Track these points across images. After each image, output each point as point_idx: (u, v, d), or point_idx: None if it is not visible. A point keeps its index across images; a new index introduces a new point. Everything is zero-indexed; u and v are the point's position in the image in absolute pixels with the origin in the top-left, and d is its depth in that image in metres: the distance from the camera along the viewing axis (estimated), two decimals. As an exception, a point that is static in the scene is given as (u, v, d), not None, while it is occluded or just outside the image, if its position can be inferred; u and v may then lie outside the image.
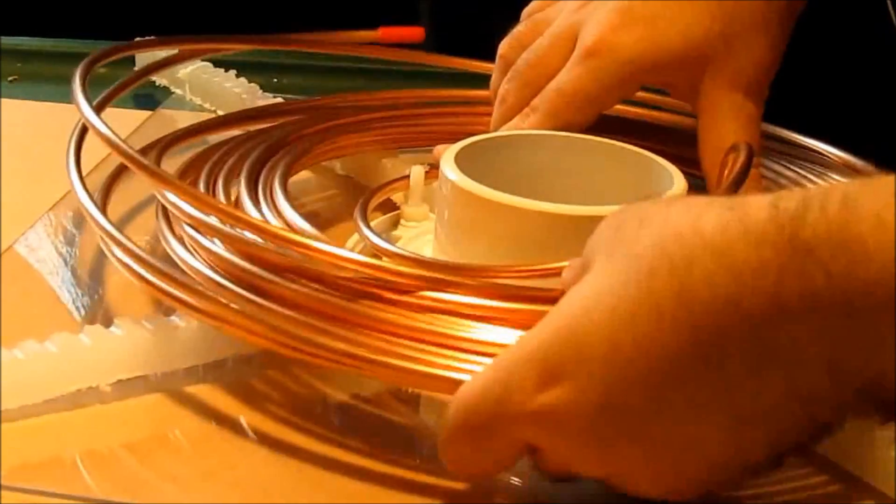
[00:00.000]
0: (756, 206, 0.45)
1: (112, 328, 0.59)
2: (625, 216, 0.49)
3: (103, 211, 0.65)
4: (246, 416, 0.58)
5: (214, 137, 0.76)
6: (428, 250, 0.67)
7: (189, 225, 0.61)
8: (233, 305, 0.56)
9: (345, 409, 0.60)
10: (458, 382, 0.51)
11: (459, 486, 0.54)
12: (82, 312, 0.66)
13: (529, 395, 0.48)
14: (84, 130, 0.70)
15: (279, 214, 0.64)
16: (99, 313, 0.65)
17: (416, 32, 0.87)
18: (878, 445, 0.54)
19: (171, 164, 0.70)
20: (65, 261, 0.71)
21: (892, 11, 0.75)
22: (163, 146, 0.71)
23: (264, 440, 0.56)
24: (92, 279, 0.68)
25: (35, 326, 0.61)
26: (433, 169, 0.71)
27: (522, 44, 0.75)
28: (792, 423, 0.46)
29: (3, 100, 0.90)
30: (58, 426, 0.57)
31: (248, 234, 0.60)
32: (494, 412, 0.49)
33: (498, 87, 0.75)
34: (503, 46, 0.76)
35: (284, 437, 0.56)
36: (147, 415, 0.58)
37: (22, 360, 0.57)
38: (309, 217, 0.74)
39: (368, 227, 0.65)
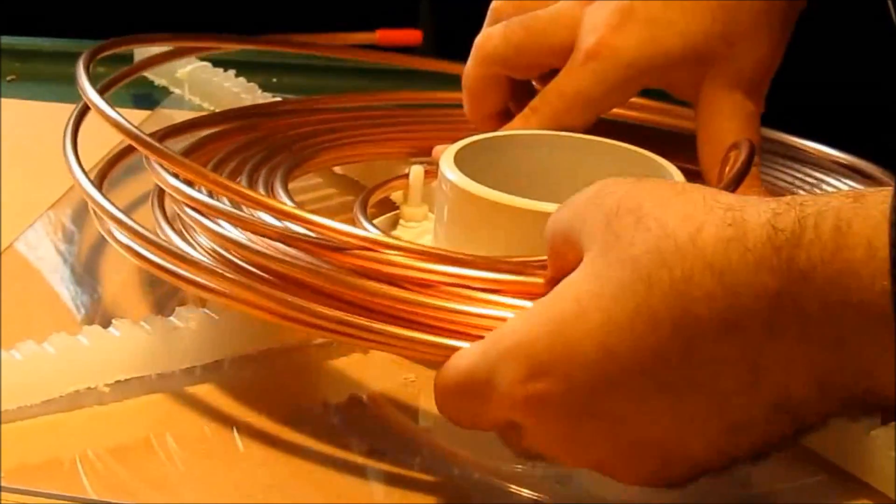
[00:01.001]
0: (755, 222, 0.45)
1: (110, 329, 0.59)
2: (615, 203, 0.49)
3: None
4: (244, 417, 0.58)
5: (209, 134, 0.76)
6: (427, 250, 0.67)
7: (191, 208, 0.60)
8: (242, 279, 0.56)
9: (344, 409, 0.60)
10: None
11: (456, 486, 0.54)
12: (81, 311, 0.66)
13: (515, 386, 0.48)
14: (81, 115, 0.69)
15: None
16: (97, 314, 0.65)
17: (413, 36, 0.86)
18: (878, 445, 0.54)
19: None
20: (64, 259, 0.71)
21: (892, 11, 0.75)
22: (158, 139, 0.70)
23: (263, 441, 0.56)
24: (91, 278, 0.69)
25: (34, 326, 0.61)
26: (432, 168, 0.70)
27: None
28: (778, 429, 0.47)
29: (2, 99, 0.90)
30: (56, 427, 0.56)
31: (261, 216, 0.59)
32: (481, 393, 0.49)
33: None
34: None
35: (283, 437, 0.56)
36: (145, 415, 0.58)
37: (20, 361, 0.57)
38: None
39: (369, 221, 0.64)
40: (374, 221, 0.69)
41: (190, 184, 0.60)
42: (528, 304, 0.53)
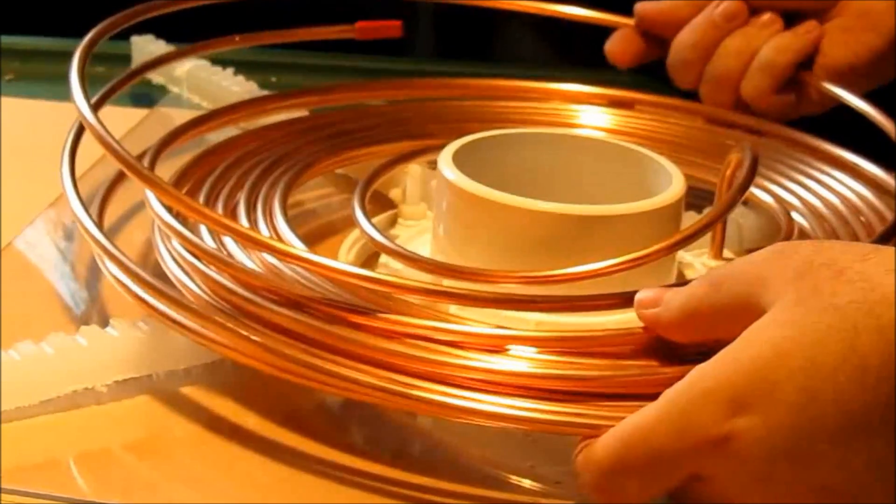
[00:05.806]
0: None
1: (108, 329, 0.59)
2: (805, 259, 0.49)
3: (100, 220, 0.65)
4: (242, 418, 0.58)
5: (213, 137, 0.76)
6: (426, 249, 0.67)
7: (184, 248, 0.60)
8: (223, 322, 0.55)
9: (341, 409, 0.60)
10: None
11: (455, 486, 0.54)
12: (80, 310, 0.66)
13: (717, 422, 0.48)
14: (80, 131, 0.69)
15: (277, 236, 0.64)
16: (95, 313, 0.65)
17: (392, 27, 0.85)
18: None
19: (170, 166, 0.70)
20: (63, 257, 0.71)
21: None
22: (159, 145, 0.70)
23: (260, 441, 0.56)
24: (90, 276, 0.68)
25: (32, 326, 0.61)
26: (431, 166, 0.70)
27: None
28: None
29: (1, 98, 0.90)
30: (54, 427, 0.56)
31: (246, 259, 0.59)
32: (671, 443, 0.48)
33: None
34: None
35: (281, 438, 0.56)
36: (143, 416, 0.58)
37: (18, 361, 0.57)
38: (306, 216, 0.74)
39: (369, 221, 0.64)
40: (373, 220, 0.69)
41: (181, 218, 0.60)
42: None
